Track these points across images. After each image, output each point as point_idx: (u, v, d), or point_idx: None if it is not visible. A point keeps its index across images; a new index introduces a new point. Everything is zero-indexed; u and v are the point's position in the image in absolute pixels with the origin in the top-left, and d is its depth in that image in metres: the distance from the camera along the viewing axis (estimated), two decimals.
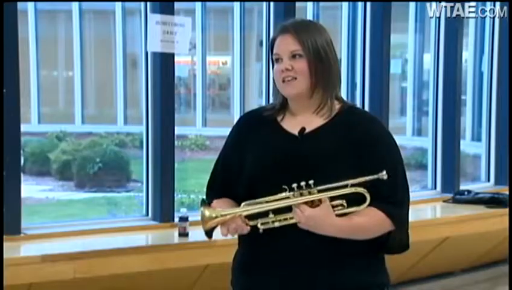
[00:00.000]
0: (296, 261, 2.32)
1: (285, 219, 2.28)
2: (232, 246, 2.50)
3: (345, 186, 2.27)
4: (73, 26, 14.95)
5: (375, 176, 2.26)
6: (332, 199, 2.28)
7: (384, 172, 2.26)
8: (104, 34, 15.32)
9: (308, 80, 2.35)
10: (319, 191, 2.26)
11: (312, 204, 2.27)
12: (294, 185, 2.26)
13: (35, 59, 14.61)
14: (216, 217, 2.29)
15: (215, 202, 2.45)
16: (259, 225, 2.29)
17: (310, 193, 2.26)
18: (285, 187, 2.27)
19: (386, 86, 5.56)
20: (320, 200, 2.27)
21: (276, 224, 2.28)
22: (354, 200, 2.30)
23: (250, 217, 2.30)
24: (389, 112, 5.63)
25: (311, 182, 2.25)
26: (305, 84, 2.35)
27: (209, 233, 2.31)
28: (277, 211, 2.29)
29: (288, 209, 2.28)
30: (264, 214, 2.29)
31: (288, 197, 2.27)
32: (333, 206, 2.28)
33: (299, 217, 2.26)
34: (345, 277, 2.34)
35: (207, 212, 2.30)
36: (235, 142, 2.48)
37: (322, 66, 2.35)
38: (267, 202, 2.28)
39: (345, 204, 2.29)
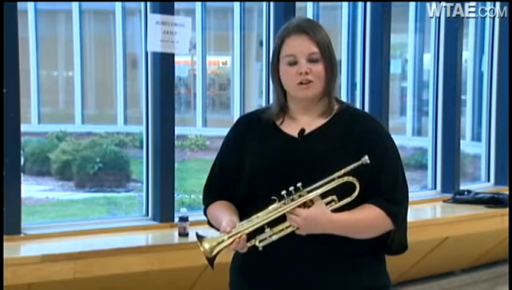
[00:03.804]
0: (295, 264, 2.31)
1: (282, 230, 2.27)
2: None
3: (332, 180, 2.26)
4: (73, 26, 14.95)
5: (359, 163, 2.26)
6: (323, 197, 2.27)
7: (367, 157, 2.25)
8: (104, 34, 15.31)
9: (324, 84, 2.34)
10: (309, 192, 2.25)
11: (305, 206, 2.26)
12: (284, 193, 2.24)
13: (35, 59, 14.61)
14: (216, 244, 2.26)
15: (213, 206, 2.45)
16: (257, 243, 2.27)
17: (300, 196, 2.25)
18: (275, 198, 2.25)
19: (386, 86, 5.56)
20: (311, 201, 2.26)
21: (274, 237, 2.26)
22: (346, 194, 2.29)
23: (247, 237, 2.28)
24: (389, 112, 5.63)
25: (299, 184, 2.24)
26: (320, 88, 2.34)
27: (212, 262, 2.29)
28: (272, 224, 2.27)
29: (283, 219, 2.27)
30: (260, 230, 2.27)
31: (279, 207, 2.26)
32: (326, 204, 2.28)
33: (296, 222, 2.25)
34: (346, 279, 2.33)
35: (206, 245, 2.27)
36: (233, 144, 2.46)
37: (334, 70, 2.35)
38: (258, 217, 2.26)
39: (336, 199, 2.28)
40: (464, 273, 5.77)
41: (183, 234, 4.34)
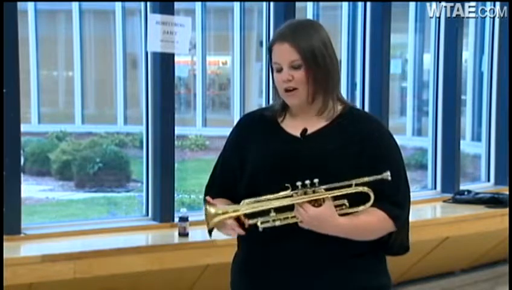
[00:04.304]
0: (296, 263, 2.31)
1: (286, 218, 2.27)
2: (232, 246, 2.50)
3: (349, 185, 2.26)
4: (73, 26, 14.94)
5: (379, 176, 2.26)
6: (334, 198, 2.27)
7: (389, 173, 2.26)
8: (104, 34, 15.31)
9: (309, 89, 2.34)
10: (325, 190, 2.25)
11: (315, 203, 2.26)
12: (299, 184, 2.24)
13: (35, 59, 14.60)
14: (222, 213, 2.27)
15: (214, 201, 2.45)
16: (258, 223, 2.26)
17: (314, 192, 2.25)
18: (288, 185, 2.25)
19: (386, 86, 5.56)
20: (323, 200, 2.26)
21: (277, 223, 2.26)
22: (356, 199, 2.29)
23: (251, 215, 2.28)
24: (389, 112, 5.63)
25: (316, 180, 2.24)
26: (306, 93, 2.34)
27: (211, 231, 2.30)
28: (279, 210, 2.27)
29: (290, 208, 2.27)
30: (265, 212, 2.27)
31: (291, 196, 2.26)
32: (335, 206, 2.28)
33: (302, 216, 2.25)
34: (347, 278, 2.34)
35: (212, 210, 2.28)
36: (235, 143, 2.47)
37: (321, 72, 2.33)
38: (269, 200, 2.26)
39: (347, 204, 2.28)
40: (464, 273, 5.77)
41: (183, 234, 4.34)
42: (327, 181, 2.26)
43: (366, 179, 2.26)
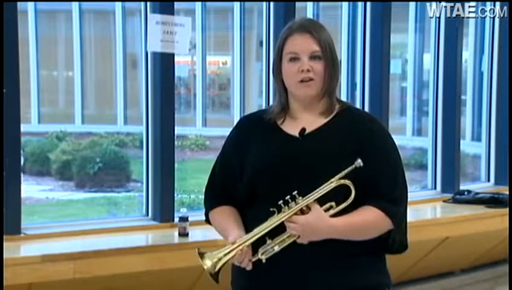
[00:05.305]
0: (296, 263, 2.32)
1: (283, 240, 2.28)
2: None
3: (328, 184, 2.26)
4: (73, 26, 14.94)
5: (352, 166, 2.26)
6: (321, 203, 2.28)
7: (359, 160, 2.26)
8: (104, 34, 15.30)
9: (324, 83, 2.35)
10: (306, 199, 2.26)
11: (302, 214, 2.26)
12: (281, 202, 2.25)
13: (35, 59, 14.59)
14: (218, 261, 2.28)
15: (217, 212, 2.45)
16: (260, 256, 2.28)
17: (296, 204, 2.26)
18: (274, 210, 2.26)
19: (386, 86, 5.56)
20: (308, 207, 2.26)
21: (276, 248, 2.28)
22: (347, 198, 2.30)
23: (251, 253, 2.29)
24: (389, 112, 5.63)
25: (295, 193, 2.25)
26: (320, 86, 2.36)
27: (217, 277, 2.30)
28: (273, 235, 2.28)
29: (284, 230, 2.27)
30: (262, 242, 2.29)
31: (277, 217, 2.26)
32: (325, 210, 2.28)
33: (294, 229, 2.26)
34: (347, 277, 2.34)
35: (208, 262, 2.29)
36: (234, 144, 2.47)
37: (334, 68, 2.37)
38: (257, 229, 2.27)
39: (335, 205, 2.29)
40: (464, 273, 5.78)
41: (183, 234, 4.34)
42: (328, 180, 2.27)
43: (341, 173, 2.26)
